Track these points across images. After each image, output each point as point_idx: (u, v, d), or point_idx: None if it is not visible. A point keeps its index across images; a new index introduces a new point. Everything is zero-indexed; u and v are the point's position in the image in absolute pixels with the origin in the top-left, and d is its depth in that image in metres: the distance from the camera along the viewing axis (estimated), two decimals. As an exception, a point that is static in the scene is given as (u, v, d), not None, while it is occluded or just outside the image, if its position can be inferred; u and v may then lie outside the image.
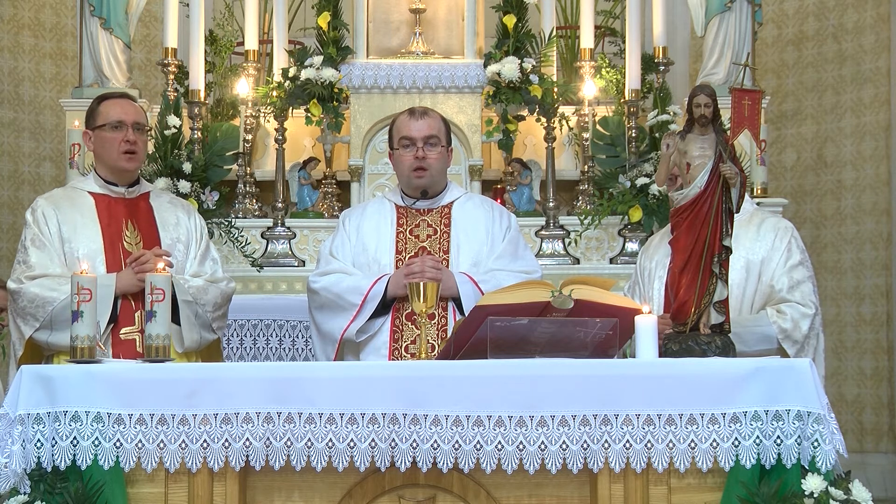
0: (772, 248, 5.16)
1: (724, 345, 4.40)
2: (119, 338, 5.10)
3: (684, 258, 4.43)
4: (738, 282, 5.06)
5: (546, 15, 8.16)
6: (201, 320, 5.25)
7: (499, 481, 4.14)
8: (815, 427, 4.02)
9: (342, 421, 4.06)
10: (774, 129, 9.66)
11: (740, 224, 5.09)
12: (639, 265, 5.44)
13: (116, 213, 5.31)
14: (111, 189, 5.35)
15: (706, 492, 4.10)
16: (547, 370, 4.13)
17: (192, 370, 4.36)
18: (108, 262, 5.19)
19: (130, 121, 5.27)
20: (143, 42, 9.63)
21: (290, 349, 7.46)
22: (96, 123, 5.31)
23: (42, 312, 5.08)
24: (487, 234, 5.37)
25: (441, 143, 5.35)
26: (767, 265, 5.12)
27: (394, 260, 5.28)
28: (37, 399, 4.08)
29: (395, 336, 5.18)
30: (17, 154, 9.40)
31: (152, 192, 5.50)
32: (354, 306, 5.17)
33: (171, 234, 5.37)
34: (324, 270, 5.35)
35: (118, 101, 5.36)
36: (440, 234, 5.34)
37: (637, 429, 4.06)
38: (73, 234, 5.23)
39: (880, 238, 9.33)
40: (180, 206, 5.54)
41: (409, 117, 5.36)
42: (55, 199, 5.38)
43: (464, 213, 5.39)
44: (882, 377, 9.29)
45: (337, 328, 5.19)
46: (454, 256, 5.28)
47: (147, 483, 4.13)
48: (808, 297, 5.10)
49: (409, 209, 5.40)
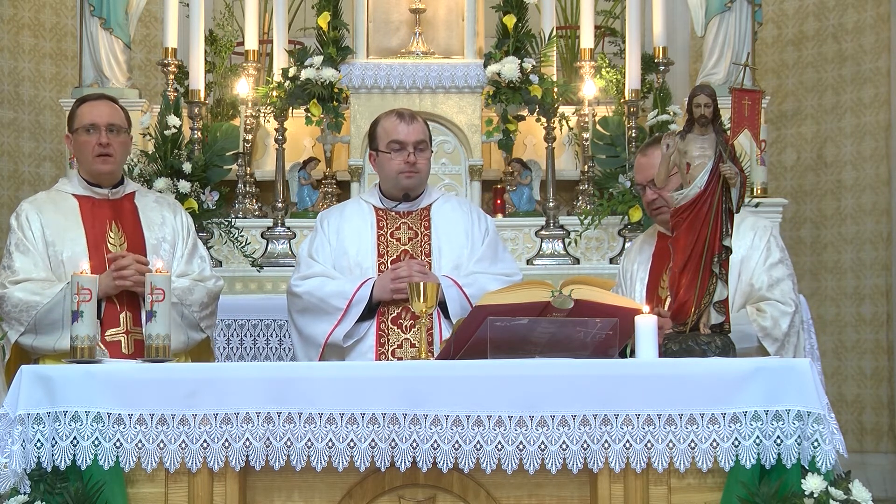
0: (751, 246, 5.16)
1: (724, 345, 4.40)
2: (105, 339, 5.09)
3: (684, 258, 4.43)
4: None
5: (546, 15, 8.17)
6: (188, 321, 5.24)
7: (499, 481, 4.15)
8: (815, 427, 4.02)
9: (342, 421, 4.06)
10: (774, 129, 9.66)
11: None
12: (621, 268, 5.46)
13: (100, 214, 5.30)
14: (94, 191, 5.34)
15: (706, 492, 4.10)
16: (547, 370, 4.13)
17: (192, 370, 4.36)
18: (93, 264, 5.17)
19: (104, 122, 5.25)
20: (143, 42, 9.63)
21: (290, 349, 7.45)
22: (73, 126, 5.32)
23: (26, 317, 5.09)
24: (467, 236, 5.37)
25: (429, 148, 5.37)
26: (747, 264, 5.12)
27: (376, 263, 5.27)
28: (37, 399, 4.08)
29: (381, 340, 5.17)
30: (17, 154, 9.40)
31: (137, 191, 5.48)
32: (339, 310, 5.14)
33: (157, 233, 5.35)
34: (305, 274, 5.31)
35: (94, 103, 5.34)
36: (421, 236, 5.33)
37: (637, 429, 4.06)
38: (58, 237, 5.22)
39: (880, 238, 9.33)
40: (166, 205, 5.51)
41: (398, 120, 5.33)
42: (39, 202, 5.37)
43: (442, 215, 5.39)
44: (882, 377, 9.29)
45: (320, 333, 5.16)
46: (436, 259, 5.28)
47: (147, 483, 4.13)
48: (787, 295, 5.10)
49: (389, 212, 5.39)
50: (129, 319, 5.15)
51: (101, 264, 5.14)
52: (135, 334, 5.12)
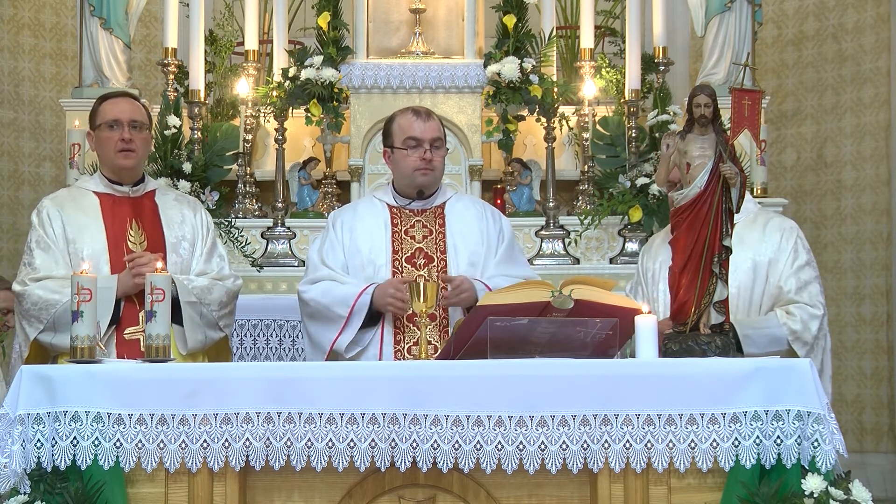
0: (778, 248, 5.16)
1: (724, 345, 4.40)
2: (123, 338, 5.10)
3: (684, 258, 4.43)
4: (745, 283, 5.08)
5: (546, 15, 8.17)
6: (206, 320, 5.24)
7: (499, 481, 4.14)
8: (815, 427, 4.02)
9: (342, 421, 4.06)
10: (774, 129, 9.66)
11: (744, 225, 5.11)
12: (641, 266, 5.43)
13: (121, 212, 5.31)
14: (115, 188, 5.35)
15: (706, 492, 4.10)
16: (547, 370, 4.13)
17: (192, 370, 4.36)
18: (112, 261, 5.19)
19: (126, 119, 5.28)
20: (143, 42, 9.63)
21: (290, 349, 7.46)
22: (96, 123, 5.34)
23: (45, 315, 5.10)
24: (482, 234, 5.35)
25: (444, 146, 5.35)
26: (774, 266, 5.12)
27: (390, 260, 5.26)
28: (37, 399, 4.08)
29: (398, 338, 5.16)
30: (17, 154, 9.40)
31: (158, 189, 5.49)
32: (342, 318, 5.13)
33: (176, 232, 5.36)
34: (312, 278, 5.29)
35: (116, 99, 5.38)
36: (435, 234, 5.32)
37: (637, 429, 4.06)
38: (78, 234, 5.23)
39: (880, 238, 9.33)
40: (186, 203, 5.52)
41: (415, 117, 5.31)
42: (60, 199, 5.39)
43: (456, 213, 5.37)
44: (882, 377, 9.29)
45: (326, 340, 5.14)
46: (451, 257, 5.27)
47: (147, 483, 4.13)
48: (815, 297, 5.12)
49: (403, 209, 5.37)
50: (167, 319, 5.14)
51: (121, 262, 5.15)
52: None
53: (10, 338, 6.81)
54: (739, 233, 4.93)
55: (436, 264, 5.24)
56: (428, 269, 5.23)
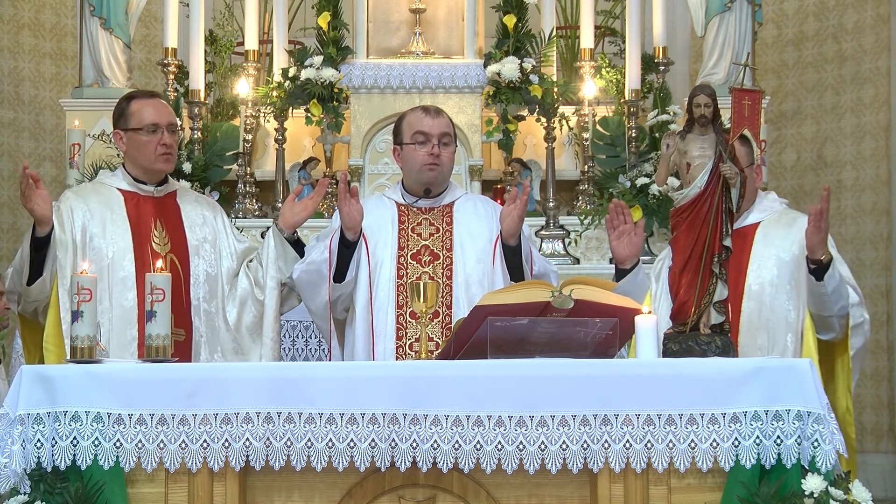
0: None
1: (724, 345, 4.40)
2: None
3: (684, 258, 4.43)
4: (770, 280, 5.12)
5: (546, 15, 8.17)
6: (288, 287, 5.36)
7: (499, 481, 4.14)
8: (815, 427, 4.02)
9: (342, 421, 4.06)
10: (774, 129, 9.66)
11: (770, 223, 5.22)
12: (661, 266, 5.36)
13: (145, 212, 5.29)
14: (140, 187, 5.33)
15: (706, 492, 4.10)
16: (547, 370, 4.13)
17: (192, 370, 4.36)
18: (137, 261, 5.18)
19: (165, 123, 5.25)
20: (143, 42, 9.63)
21: (289, 349, 7.46)
22: (129, 125, 5.26)
23: (18, 281, 5.16)
24: (492, 233, 5.35)
25: (453, 143, 5.36)
26: (802, 263, 5.13)
27: (395, 256, 5.26)
28: (37, 399, 4.08)
29: (400, 334, 5.18)
30: (17, 154, 9.39)
31: (179, 190, 5.48)
32: (324, 261, 5.18)
33: (198, 234, 5.35)
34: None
35: (150, 101, 5.32)
36: (442, 231, 5.32)
37: (637, 429, 4.06)
38: (102, 230, 5.22)
39: (880, 238, 9.33)
40: (206, 205, 5.52)
41: (424, 114, 5.33)
42: (84, 192, 5.38)
43: (465, 212, 5.38)
44: (882, 377, 9.29)
45: (322, 296, 5.22)
46: (458, 254, 5.27)
47: (147, 483, 4.13)
48: (850, 293, 5.16)
49: (411, 207, 5.38)
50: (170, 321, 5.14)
51: (145, 262, 5.12)
52: (176, 335, 5.03)
53: (10, 338, 6.82)
54: (765, 231, 5.13)
55: (441, 262, 5.25)
56: (433, 266, 5.24)
